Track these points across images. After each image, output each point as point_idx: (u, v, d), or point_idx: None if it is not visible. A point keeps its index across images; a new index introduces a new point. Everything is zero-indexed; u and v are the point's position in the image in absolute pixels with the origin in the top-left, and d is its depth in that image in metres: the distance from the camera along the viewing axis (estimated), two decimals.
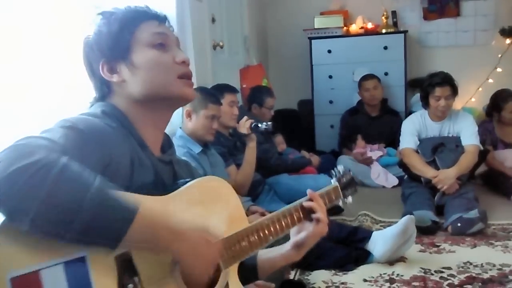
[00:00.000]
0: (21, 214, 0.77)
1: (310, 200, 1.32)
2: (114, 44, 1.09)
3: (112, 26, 1.10)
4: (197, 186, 1.08)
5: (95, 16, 1.14)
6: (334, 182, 1.47)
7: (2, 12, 1.68)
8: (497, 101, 3.75)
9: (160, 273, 0.96)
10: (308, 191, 1.33)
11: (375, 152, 4.15)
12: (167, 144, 1.21)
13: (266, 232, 1.19)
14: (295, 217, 1.27)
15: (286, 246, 1.31)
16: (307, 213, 1.30)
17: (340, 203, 1.46)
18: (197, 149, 2.51)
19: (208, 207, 1.09)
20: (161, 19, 1.15)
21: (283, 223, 1.23)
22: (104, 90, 1.13)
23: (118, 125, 1.05)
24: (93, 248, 0.84)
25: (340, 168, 1.53)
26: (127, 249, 0.89)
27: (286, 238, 1.33)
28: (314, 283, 2.34)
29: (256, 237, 1.16)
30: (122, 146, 1.02)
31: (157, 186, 1.06)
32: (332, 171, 1.52)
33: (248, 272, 1.28)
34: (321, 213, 1.29)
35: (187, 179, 1.10)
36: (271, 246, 1.31)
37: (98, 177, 0.85)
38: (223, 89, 2.98)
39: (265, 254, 1.33)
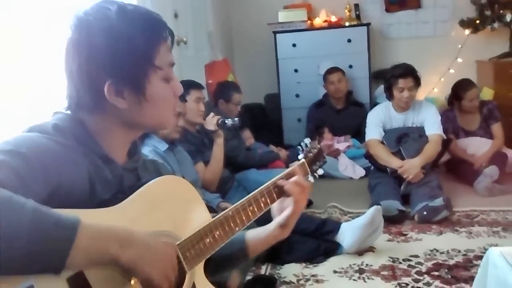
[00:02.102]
0: None
1: (289, 176, 1.27)
2: (131, 72, 0.97)
3: (132, 46, 0.95)
4: (150, 188, 1.03)
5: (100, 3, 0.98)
6: (301, 158, 1.41)
7: (2, 12, 1.64)
8: (458, 90, 3.84)
9: (117, 287, 0.92)
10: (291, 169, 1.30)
11: (342, 144, 4.20)
12: (133, 148, 1.14)
13: (231, 224, 1.14)
14: (261, 203, 1.22)
15: (272, 226, 1.28)
16: (280, 192, 1.26)
17: (311, 179, 1.41)
18: (163, 147, 2.48)
19: (165, 209, 1.04)
20: (172, 37, 1.04)
21: (248, 211, 1.19)
22: (89, 100, 0.99)
23: (72, 142, 0.96)
24: (40, 275, 0.79)
25: (306, 141, 1.45)
26: (79, 269, 0.84)
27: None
28: (285, 277, 2.35)
29: (220, 231, 1.11)
30: (76, 165, 0.94)
31: (121, 198, 1.00)
32: (299, 146, 1.45)
33: (237, 254, 1.27)
34: (296, 190, 1.24)
35: (141, 183, 1.04)
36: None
37: (30, 200, 0.79)
38: (188, 85, 2.94)
39: (253, 235, 1.30)
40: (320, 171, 1.46)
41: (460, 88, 3.82)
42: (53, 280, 0.81)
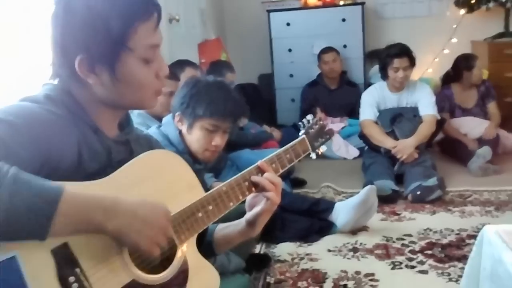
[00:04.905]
0: None
1: (261, 170, 1.21)
2: (104, 48, 0.94)
3: (104, 24, 0.93)
4: (140, 162, 1.01)
5: None
6: (301, 134, 1.38)
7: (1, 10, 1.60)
8: (466, 61, 3.80)
9: (104, 258, 0.91)
10: (259, 162, 1.22)
11: (336, 124, 4.18)
12: (125, 121, 1.13)
13: (225, 199, 1.12)
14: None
15: (242, 222, 1.26)
16: (277, 169, 1.24)
17: (313, 156, 1.39)
18: (156, 126, 2.44)
19: (155, 183, 1.03)
20: (159, 15, 1.00)
21: (243, 187, 1.17)
22: (64, 72, 0.98)
23: (63, 112, 0.95)
24: (24, 245, 0.79)
25: (309, 117, 1.43)
26: (63, 241, 0.84)
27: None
28: (279, 256, 2.35)
29: (213, 206, 1.10)
30: (66, 135, 0.94)
31: (110, 171, 0.99)
32: (300, 122, 1.42)
33: (204, 249, 1.22)
34: (270, 193, 1.18)
35: (131, 157, 1.02)
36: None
37: (14, 167, 0.79)
38: (183, 63, 2.91)
39: (221, 231, 1.28)
40: (324, 148, 1.43)
41: (468, 59, 3.81)
42: (37, 251, 0.81)
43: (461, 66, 3.84)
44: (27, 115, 0.90)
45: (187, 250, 1.07)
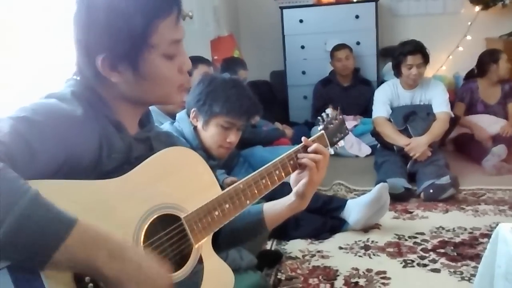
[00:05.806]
0: None
1: (305, 148, 1.25)
2: (127, 47, 0.95)
3: (126, 22, 0.93)
4: (157, 159, 1.01)
5: None
6: (320, 129, 1.37)
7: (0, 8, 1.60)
8: (492, 54, 3.76)
9: None
10: (303, 139, 1.26)
11: (349, 122, 4.16)
12: (146, 118, 1.13)
13: (242, 197, 1.12)
14: (275, 176, 1.19)
15: (290, 197, 1.26)
16: (295, 165, 1.24)
17: (331, 151, 1.37)
18: (170, 122, 2.46)
19: (172, 181, 1.02)
20: (180, 10, 1.01)
21: (261, 184, 1.16)
22: (89, 71, 0.98)
23: (87, 109, 0.95)
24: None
25: (328, 111, 1.41)
26: (60, 270, 0.79)
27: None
28: (290, 253, 2.36)
29: (230, 204, 1.09)
30: (89, 134, 0.94)
31: (127, 167, 0.98)
32: (319, 117, 1.41)
33: (254, 225, 1.26)
34: (309, 161, 1.21)
35: (149, 154, 1.02)
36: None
37: (33, 189, 0.76)
38: (196, 60, 2.91)
39: (270, 208, 1.28)
40: (341, 143, 1.42)
41: (493, 53, 3.78)
42: None
43: (487, 60, 3.80)
44: (53, 115, 0.89)
45: (202, 248, 1.07)
